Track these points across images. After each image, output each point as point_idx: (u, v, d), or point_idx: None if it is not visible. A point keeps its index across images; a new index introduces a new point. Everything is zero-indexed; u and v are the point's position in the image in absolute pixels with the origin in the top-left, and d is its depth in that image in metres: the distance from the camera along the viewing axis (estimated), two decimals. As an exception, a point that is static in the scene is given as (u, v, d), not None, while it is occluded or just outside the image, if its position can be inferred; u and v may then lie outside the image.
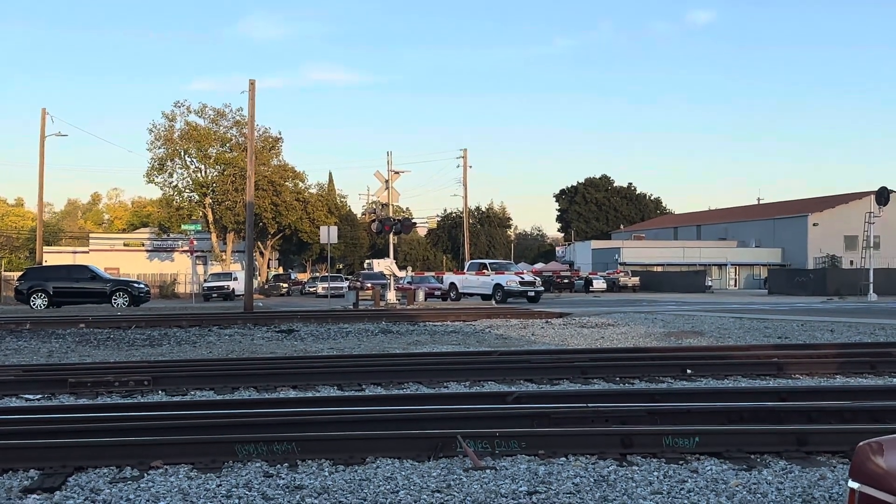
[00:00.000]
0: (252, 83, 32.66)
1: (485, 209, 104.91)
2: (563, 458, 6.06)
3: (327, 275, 58.73)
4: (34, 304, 32.89)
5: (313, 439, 6.25)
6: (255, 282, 47.61)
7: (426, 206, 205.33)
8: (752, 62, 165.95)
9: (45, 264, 44.22)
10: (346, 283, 57.53)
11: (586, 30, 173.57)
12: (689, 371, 10.83)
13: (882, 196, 45.50)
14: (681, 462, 5.99)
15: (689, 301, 39.77)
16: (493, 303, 35.68)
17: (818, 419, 7.05)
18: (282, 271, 76.47)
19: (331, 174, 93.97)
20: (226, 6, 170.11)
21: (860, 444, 2.76)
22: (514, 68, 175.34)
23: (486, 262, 42.06)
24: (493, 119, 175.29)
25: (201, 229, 60.00)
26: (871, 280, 44.30)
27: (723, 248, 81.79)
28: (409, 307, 30.77)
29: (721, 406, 7.48)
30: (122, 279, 38.91)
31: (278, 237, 67.19)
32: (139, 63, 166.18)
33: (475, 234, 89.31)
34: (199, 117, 62.44)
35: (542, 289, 40.86)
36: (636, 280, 66.73)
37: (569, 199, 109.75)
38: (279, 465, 5.92)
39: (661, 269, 76.65)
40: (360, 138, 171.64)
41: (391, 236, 36.28)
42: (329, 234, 36.24)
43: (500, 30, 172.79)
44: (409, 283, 45.09)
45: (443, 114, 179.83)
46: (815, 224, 75.63)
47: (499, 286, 37.42)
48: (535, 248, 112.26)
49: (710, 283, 67.76)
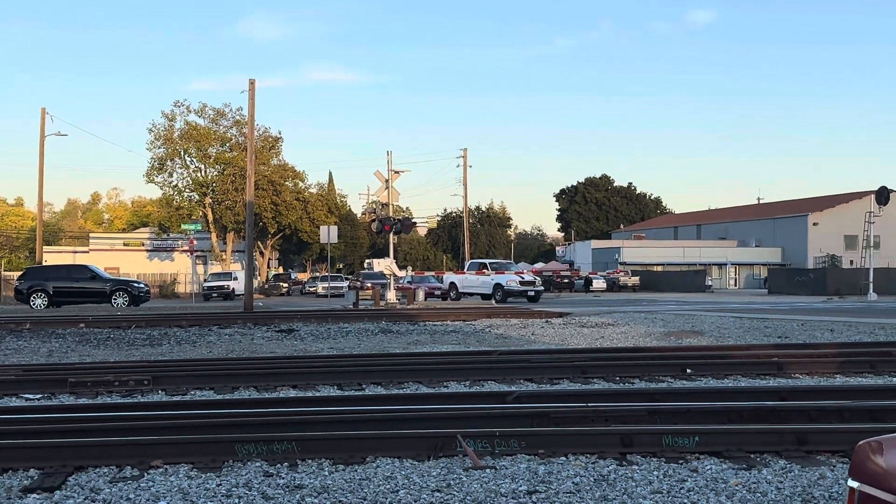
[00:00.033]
0: (252, 83, 32.66)
1: (485, 209, 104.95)
2: (563, 458, 6.06)
3: (327, 274, 58.74)
4: (34, 304, 32.90)
5: (313, 439, 6.26)
6: (255, 281, 47.63)
7: (426, 205, 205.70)
8: (752, 62, 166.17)
9: (44, 264, 44.16)
10: (346, 283, 57.52)
11: (586, 30, 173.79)
12: (689, 371, 10.84)
13: (882, 195, 45.51)
14: (681, 461, 5.99)
15: (689, 301, 39.78)
16: (493, 302, 35.70)
17: (818, 418, 7.06)
18: (282, 271, 76.45)
19: (331, 174, 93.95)
20: (226, 6, 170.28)
21: (860, 443, 2.76)
22: (514, 68, 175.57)
23: (486, 261, 42.09)
24: (493, 119, 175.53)
25: (201, 229, 59.98)
26: (871, 279, 44.32)
27: (723, 247, 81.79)
28: (409, 307, 30.77)
29: (721, 405, 7.48)
30: (121, 279, 38.91)
31: (278, 237, 67.19)
32: (139, 63, 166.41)
33: (475, 234, 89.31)
34: (199, 117, 62.49)
35: (542, 288, 40.86)
36: (636, 280, 66.73)
37: (569, 198, 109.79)
38: (279, 465, 5.93)
39: (661, 268, 76.66)
40: (360, 138, 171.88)
41: (391, 236, 36.28)
42: (329, 234, 36.25)
43: (500, 30, 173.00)
44: (409, 282, 45.07)
45: (443, 114, 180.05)
46: (815, 223, 75.65)
47: (499, 286, 37.44)
48: (535, 248, 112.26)
49: (710, 283, 67.79)
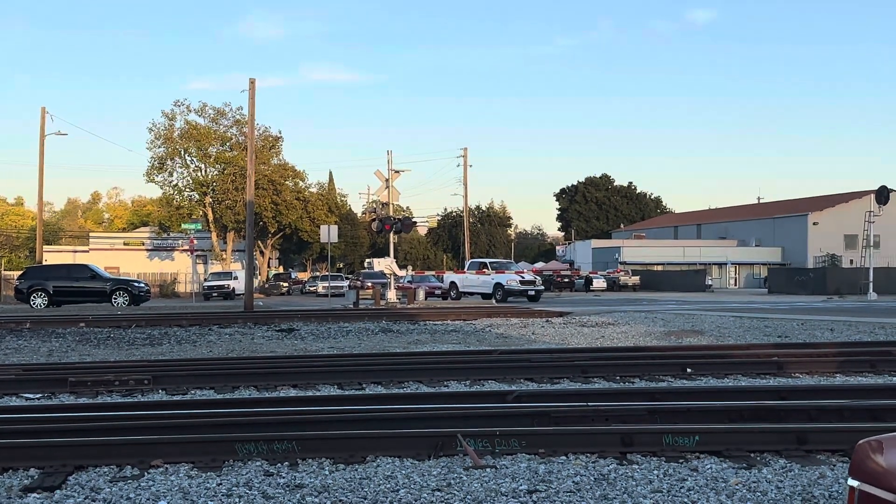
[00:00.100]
0: (252, 82, 32.66)
1: (485, 208, 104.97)
2: (564, 457, 6.06)
3: (327, 274, 58.75)
4: (34, 304, 32.90)
5: (314, 438, 6.26)
6: (256, 281, 47.61)
7: (426, 205, 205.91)
8: (752, 61, 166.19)
9: (45, 263, 44.18)
10: (346, 283, 57.59)
11: (586, 29, 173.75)
12: (689, 370, 10.84)
13: (882, 195, 45.51)
14: (681, 461, 5.99)
15: (690, 300, 39.78)
16: (494, 302, 35.69)
17: (818, 418, 7.06)
18: (282, 270, 76.45)
19: (331, 173, 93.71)
20: (226, 6, 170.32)
21: (860, 442, 2.76)
22: (514, 68, 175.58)
23: (487, 261, 42.07)
24: (493, 119, 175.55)
25: (201, 228, 59.96)
26: (871, 279, 44.32)
27: (723, 247, 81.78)
28: (409, 306, 30.76)
29: (721, 405, 7.48)
30: (122, 278, 38.92)
31: (278, 236, 67.18)
32: (139, 63, 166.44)
33: (475, 234, 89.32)
34: (200, 116, 62.41)
35: (543, 288, 40.84)
36: (636, 279, 66.73)
37: (569, 198, 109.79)
38: (279, 464, 5.93)
39: (661, 268, 76.66)
40: (360, 138, 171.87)
41: (391, 235, 36.27)
42: (329, 234, 36.26)
43: (500, 30, 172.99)
44: (409, 282, 45.06)
45: (443, 114, 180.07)
46: (815, 223, 75.64)
47: (499, 285, 37.44)
48: (535, 248, 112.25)
49: (711, 283, 67.78)
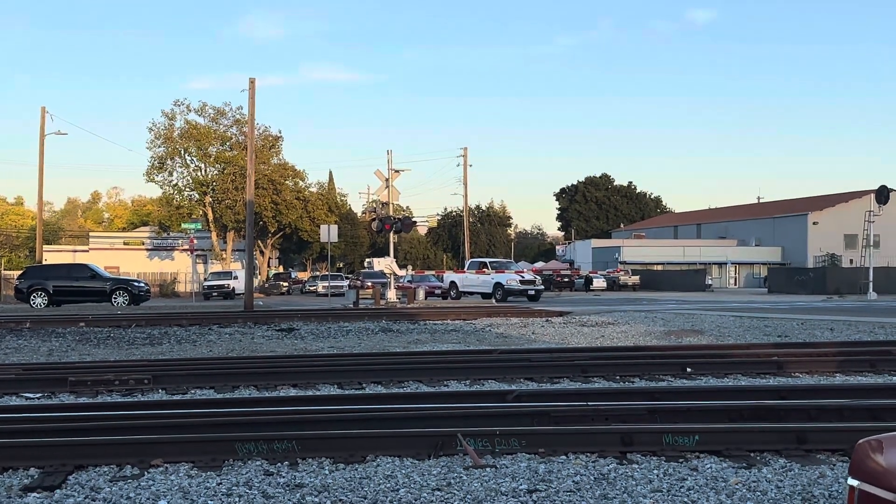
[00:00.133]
0: (252, 82, 32.65)
1: (485, 208, 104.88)
2: (564, 457, 6.06)
3: (327, 273, 58.74)
4: (34, 303, 32.91)
5: (313, 438, 6.26)
6: (256, 280, 47.63)
7: (426, 204, 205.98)
8: (752, 61, 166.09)
9: (44, 263, 44.21)
10: (346, 282, 57.54)
11: (586, 29, 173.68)
12: (688, 370, 10.84)
13: (882, 195, 45.50)
14: (681, 460, 5.99)
15: (689, 300, 39.78)
16: (494, 301, 35.69)
17: (818, 417, 7.06)
18: (282, 270, 76.42)
19: (331, 173, 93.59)
20: (225, 5, 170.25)
21: (860, 441, 2.76)
22: (514, 68, 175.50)
23: (487, 260, 42.09)
24: (493, 118, 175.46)
25: (201, 228, 59.99)
26: (871, 279, 44.32)
27: (723, 246, 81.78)
28: (409, 306, 30.76)
29: (721, 404, 7.48)
30: (122, 278, 38.95)
31: (278, 236, 67.18)
32: (139, 63, 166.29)
33: (475, 233, 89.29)
34: (199, 116, 62.40)
35: (543, 287, 40.84)
36: (636, 279, 66.74)
37: (569, 197, 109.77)
38: (279, 464, 5.93)
39: (661, 267, 76.66)
40: (360, 137, 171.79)
41: (391, 235, 36.27)
42: (329, 233, 36.27)
43: (500, 29, 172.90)
44: (409, 281, 45.07)
45: (443, 113, 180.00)
46: (814, 223, 75.65)
47: (499, 285, 37.44)
48: (535, 247, 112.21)
49: (710, 282, 67.78)
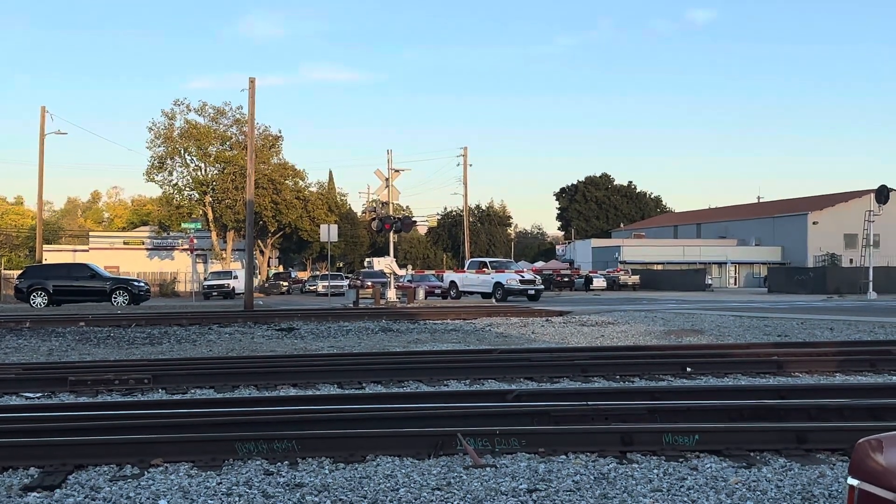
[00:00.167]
0: (252, 81, 32.63)
1: (485, 207, 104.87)
2: (564, 456, 6.06)
3: (327, 273, 58.73)
4: (34, 303, 32.90)
5: (313, 437, 6.26)
6: (256, 280, 47.61)
7: (426, 204, 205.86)
8: (752, 60, 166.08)
9: (44, 263, 44.19)
10: (346, 282, 57.54)
11: (586, 29, 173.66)
12: (688, 369, 10.84)
13: (882, 194, 45.50)
14: (681, 460, 5.99)
15: (689, 299, 39.78)
16: (494, 301, 35.69)
17: (818, 417, 7.06)
18: (282, 270, 76.43)
19: (331, 172, 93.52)
20: (225, 5, 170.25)
21: (859, 441, 2.76)
22: (514, 68, 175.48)
23: (487, 260, 42.11)
24: (492, 118, 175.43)
25: (201, 228, 60.01)
26: (871, 278, 44.34)
27: (723, 246, 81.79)
28: (409, 305, 30.76)
29: (721, 404, 7.48)
30: (122, 277, 38.96)
31: (278, 235, 67.18)
32: (139, 62, 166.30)
33: (475, 233, 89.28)
34: (199, 115, 62.35)
35: (542, 287, 40.85)
36: (636, 278, 66.76)
37: (569, 197, 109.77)
38: (279, 464, 5.93)
39: (661, 267, 76.66)
40: (359, 137, 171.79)
41: (391, 234, 36.27)
42: (329, 233, 36.27)
43: (500, 29, 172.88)
44: (409, 281, 45.08)
45: (443, 113, 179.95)
46: (814, 222, 75.66)
47: (499, 284, 37.44)
48: (535, 247, 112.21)
49: (710, 282, 67.80)
